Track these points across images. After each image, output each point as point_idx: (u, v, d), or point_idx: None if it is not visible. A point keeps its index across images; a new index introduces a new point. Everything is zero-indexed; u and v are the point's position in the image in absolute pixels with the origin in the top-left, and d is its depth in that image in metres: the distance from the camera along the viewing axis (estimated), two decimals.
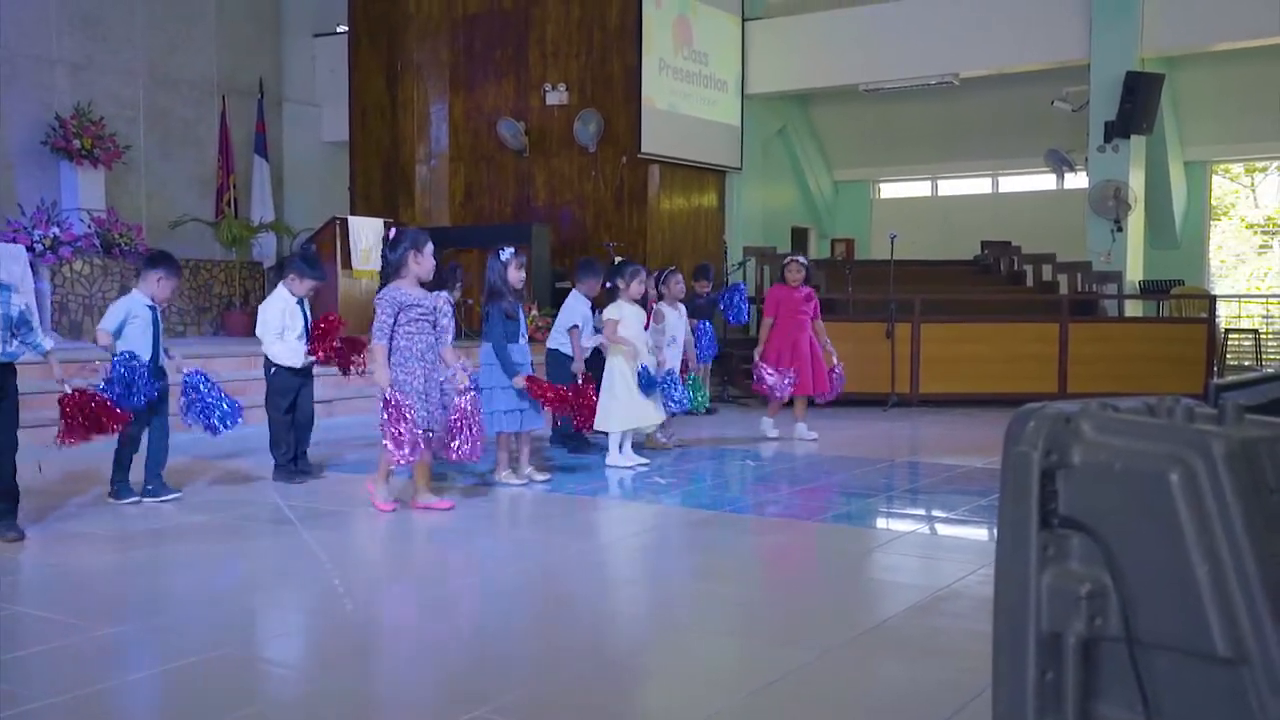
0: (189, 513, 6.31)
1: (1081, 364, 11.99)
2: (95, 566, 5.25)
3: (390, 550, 5.81)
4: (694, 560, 5.63)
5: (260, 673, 3.84)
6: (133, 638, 4.17)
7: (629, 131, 15.53)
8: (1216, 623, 2.06)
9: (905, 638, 4.14)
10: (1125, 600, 2.17)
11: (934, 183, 19.94)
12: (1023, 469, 2.27)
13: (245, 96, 16.92)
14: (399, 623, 4.45)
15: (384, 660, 4.02)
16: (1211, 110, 16.39)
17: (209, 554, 5.47)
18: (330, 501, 6.71)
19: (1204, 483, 2.08)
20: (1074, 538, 2.23)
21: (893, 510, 6.80)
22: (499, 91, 16.58)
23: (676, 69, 15.98)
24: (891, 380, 11.92)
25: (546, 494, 6.98)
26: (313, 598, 4.74)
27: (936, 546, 5.81)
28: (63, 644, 4.04)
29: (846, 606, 4.62)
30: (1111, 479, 2.18)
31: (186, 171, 16.27)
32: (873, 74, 16.47)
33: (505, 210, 16.50)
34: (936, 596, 4.64)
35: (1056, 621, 2.24)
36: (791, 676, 3.70)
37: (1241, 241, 18.01)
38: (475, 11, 16.63)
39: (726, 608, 4.72)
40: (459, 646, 4.14)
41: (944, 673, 3.72)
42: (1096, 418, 2.27)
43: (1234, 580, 2.05)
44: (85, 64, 15.05)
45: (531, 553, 5.69)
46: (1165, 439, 2.15)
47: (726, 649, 4.15)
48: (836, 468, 8.15)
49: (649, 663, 4.01)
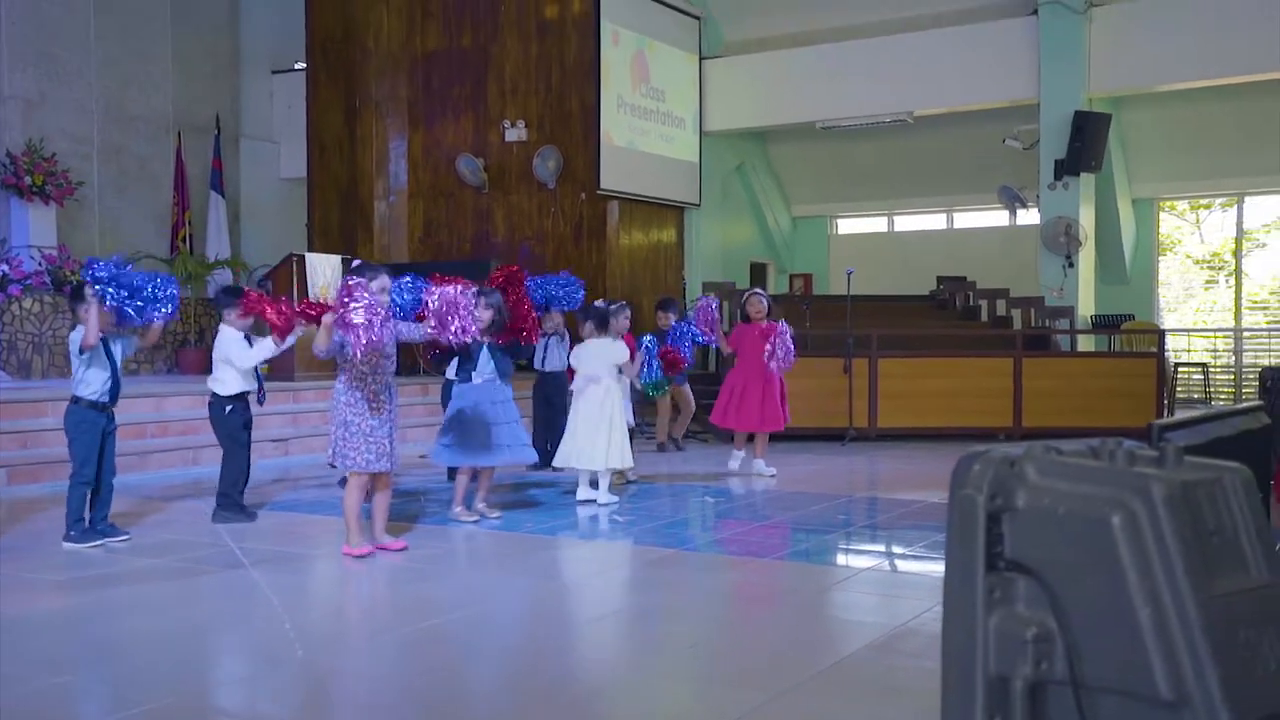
0: (138, 555, 6.23)
1: (1036, 398, 12.08)
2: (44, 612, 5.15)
3: (345, 593, 5.75)
4: (650, 599, 5.60)
5: None
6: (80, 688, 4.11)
7: (588, 168, 15.59)
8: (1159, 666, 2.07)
9: (862, 677, 4.12)
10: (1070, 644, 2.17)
11: (890, 218, 20.11)
12: (968, 512, 2.28)
13: (202, 133, 16.84)
14: (351, 669, 4.39)
15: (337, 709, 3.97)
16: (1158, 149, 16.63)
17: (159, 598, 5.39)
18: (282, 542, 6.64)
19: (1145, 526, 2.09)
20: (1020, 581, 2.23)
21: (850, 547, 6.79)
22: (458, 128, 16.60)
23: (634, 106, 16.07)
24: (850, 415, 11.95)
25: (502, 532, 6.93)
26: (264, 643, 4.68)
27: (893, 583, 5.80)
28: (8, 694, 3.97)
29: (803, 645, 4.61)
30: (1055, 522, 2.19)
31: (141, 208, 16.15)
32: (829, 112, 16.62)
33: (464, 246, 16.48)
34: (893, 634, 4.64)
35: (1004, 665, 2.23)
36: (749, 717, 3.68)
37: (1188, 277, 18.24)
38: (434, 48, 16.66)
39: (682, 649, 4.70)
40: (413, 694, 4.09)
41: (900, 713, 3.71)
42: (1040, 461, 2.27)
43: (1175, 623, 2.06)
44: (39, 100, 14.94)
45: (486, 595, 5.64)
46: (1107, 482, 2.16)
47: (682, 692, 4.12)
48: (795, 504, 8.14)
49: (605, 707, 3.97)
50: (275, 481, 8.93)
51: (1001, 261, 17.12)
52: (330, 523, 7.16)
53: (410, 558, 6.11)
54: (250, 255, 16.96)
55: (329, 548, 6.36)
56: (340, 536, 6.34)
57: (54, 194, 14.40)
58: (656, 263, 17.00)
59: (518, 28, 16.16)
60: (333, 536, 6.56)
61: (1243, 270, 17.45)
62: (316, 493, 8.41)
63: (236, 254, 16.74)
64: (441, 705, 3.88)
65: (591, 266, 15.68)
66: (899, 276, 17.63)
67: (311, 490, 8.53)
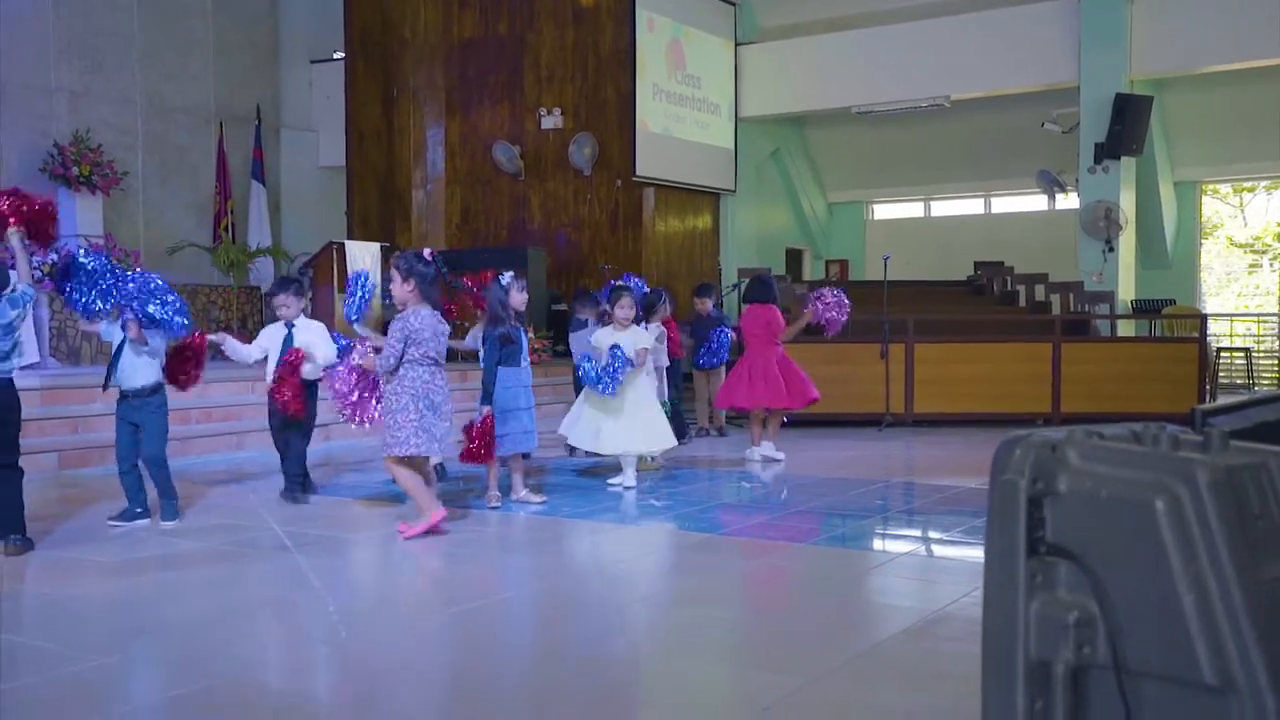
0: (188, 538, 6.29)
1: (1074, 384, 11.98)
2: (95, 594, 5.21)
3: (388, 576, 5.79)
4: (688, 583, 5.60)
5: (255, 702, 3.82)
6: (127, 668, 4.15)
7: (623, 155, 15.59)
8: (1203, 651, 2.05)
9: (898, 662, 4.11)
10: (1112, 628, 2.16)
11: (927, 204, 20.01)
12: (1010, 497, 2.26)
13: (242, 123, 16.95)
14: (395, 650, 4.42)
15: (380, 688, 3.99)
16: (1200, 131, 16.45)
17: (208, 580, 5.44)
18: (327, 526, 6.68)
19: (1189, 511, 2.07)
20: (1061, 565, 2.22)
21: (887, 532, 6.77)
22: (494, 116, 16.63)
23: (670, 93, 16.05)
24: (886, 400, 11.91)
25: (543, 517, 6.96)
26: (309, 624, 4.72)
27: (931, 568, 5.78)
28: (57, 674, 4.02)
29: (840, 630, 4.59)
30: (1097, 507, 2.17)
31: (184, 198, 16.28)
32: (865, 97, 16.54)
33: (501, 233, 16.54)
34: (930, 619, 4.62)
35: (1045, 649, 2.22)
36: (785, 702, 3.68)
37: (1231, 260, 18.03)
38: (470, 37, 16.69)
39: (721, 632, 4.70)
40: (454, 674, 4.11)
41: (937, 698, 3.70)
42: (1082, 445, 2.26)
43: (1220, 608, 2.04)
44: (83, 92, 15.07)
45: (527, 577, 5.67)
46: (1150, 467, 2.15)
47: (720, 675, 4.13)
48: (831, 489, 8.12)
49: (644, 690, 3.98)
50: (319, 466, 8.99)
51: (1040, 246, 16.99)
52: (371, 506, 7.22)
53: (452, 541, 6.13)
54: (291, 243, 17.07)
55: (371, 531, 6.42)
56: (381, 520, 6.39)
57: (100, 184, 14.53)
58: (692, 249, 16.99)
59: (553, 15, 16.16)
60: (375, 520, 6.61)
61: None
62: (355, 477, 8.46)
63: (277, 242, 16.87)
64: (482, 686, 3.90)
65: (627, 254, 15.70)
66: (935, 262, 17.54)
67: (351, 475, 8.59)
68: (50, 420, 8.77)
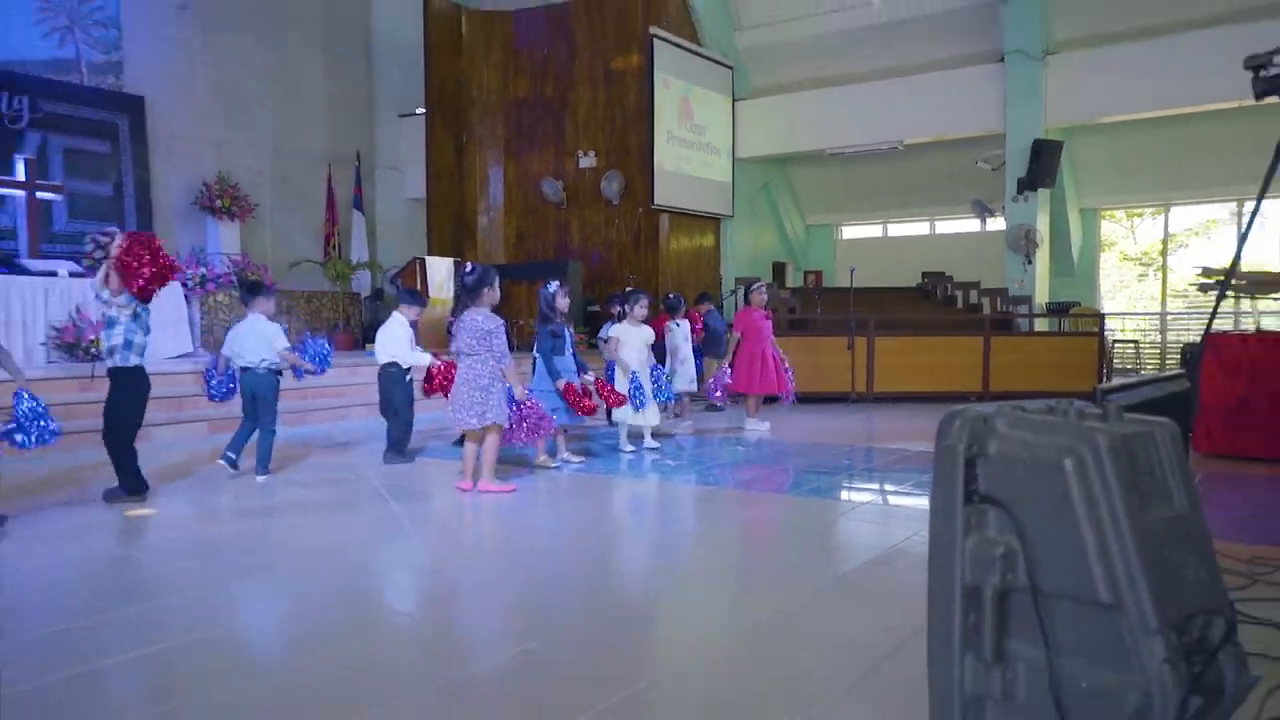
0: (304, 489, 6.36)
1: (1000, 368, 11.95)
2: (232, 531, 5.28)
3: (464, 522, 5.83)
4: (697, 526, 5.64)
5: (360, 609, 3.87)
6: (256, 589, 4.21)
7: (644, 188, 15.59)
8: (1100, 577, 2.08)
9: (862, 587, 4.14)
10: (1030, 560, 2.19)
11: (884, 226, 19.88)
12: (950, 458, 2.29)
13: (346, 165, 17.03)
14: (472, 577, 4.47)
15: (459, 603, 4.04)
16: (1100, 168, 16.36)
17: (321, 522, 5.51)
18: (416, 482, 6.74)
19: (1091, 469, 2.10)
20: (991, 511, 2.25)
21: (853, 485, 6.77)
22: (542, 158, 16.65)
23: (681, 139, 16.03)
24: (852, 382, 11.91)
25: (582, 474, 7.00)
26: (402, 556, 4.78)
27: (887, 514, 5.80)
28: (185, 597, 4.08)
29: (816, 562, 4.63)
30: (1019, 465, 2.20)
31: (301, 223, 16.39)
32: (836, 141, 16.51)
33: (548, 251, 16.57)
34: (887, 554, 4.64)
35: (977, 576, 2.25)
36: (774, 619, 3.72)
37: (1124, 271, 17.99)
38: (523, 96, 16.71)
39: (722, 564, 4.73)
40: (516, 595, 4.16)
41: (890, 616, 3.72)
42: (1008, 417, 2.28)
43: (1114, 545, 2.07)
44: (225, 142, 15.21)
45: (575, 520, 5.70)
46: (1061, 434, 2.17)
47: (722, 598, 4.16)
48: (808, 452, 8.13)
49: (663, 610, 4.02)
50: None
51: (973, 260, 16.93)
52: (449, 466, 7.26)
53: (518, 494, 6.17)
54: (384, 258, 17.15)
55: (450, 486, 6.45)
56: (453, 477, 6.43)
57: (237, 213, 14.69)
58: (698, 263, 16.97)
59: (589, 79, 16.16)
60: (453, 478, 6.64)
61: (1168, 266, 17.19)
62: (438, 443, 8.51)
63: (374, 257, 16.95)
64: (543, 598, 3.94)
65: (647, 267, 15.72)
66: (891, 272, 17.48)
67: (435, 442, 8.63)
68: (199, 396, 8.84)
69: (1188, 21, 13.71)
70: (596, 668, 3.21)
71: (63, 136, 13.23)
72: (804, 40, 16.57)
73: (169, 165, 14.49)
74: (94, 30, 13.71)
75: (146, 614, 3.77)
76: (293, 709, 2.90)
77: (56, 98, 13.14)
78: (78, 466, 7.00)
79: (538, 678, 3.13)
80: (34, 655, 3.34)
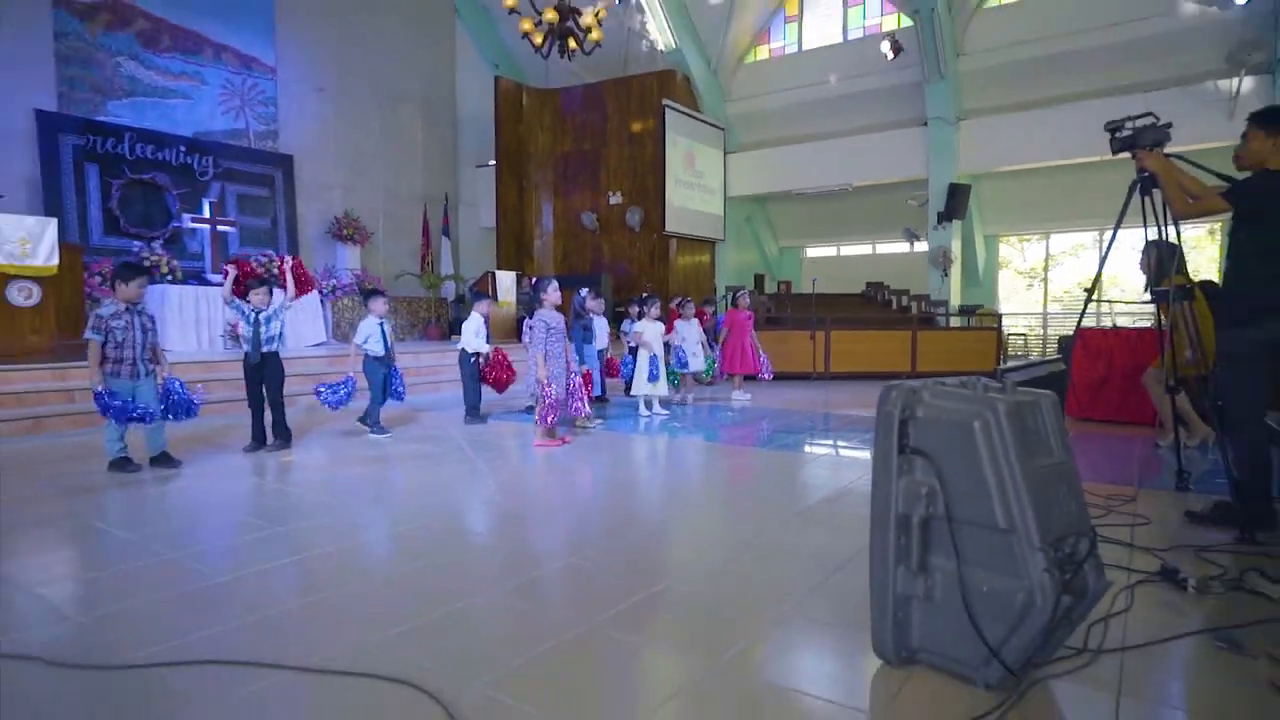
0: (408, 443, 6.40)
1: (925, 354, 11.86)
2: (357, 474, 5.34)
3: (527, 466, 5.87)
4: (697, 471, 5.64)
5: (451, 531, 3.91)
6: (376, 515, 4.26)
7: (657, 219, 15.54)
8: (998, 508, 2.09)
9: (820, 516, 4.14)
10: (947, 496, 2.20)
11: (838, 247, 19.77)
12: (888, 420, 2.30)
13: (437, 203, 17.02)
14: (531, 507, 4.49)
15: (522, 527, 4.07)
16: (998, 205, 16.21)
17: (421, 467, 5.55)
18: (490, 438, 6.77)
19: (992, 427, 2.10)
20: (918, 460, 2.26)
21: (813, 441, 6.74)
22: (581, 197, 16.61)
23: (685, 182, 15.96)
24: (813, 363, 11.87)
25: (608, 432, 7.01)
26: (480, 492, 4.81)
27: (839, 463, 5.78)
28: (325, 519, 4.12)
29: (786, 498, 4.62)
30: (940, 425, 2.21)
31: (404, 246, 16.39)
32: (802, 184, 16.40)
33: (585, 266, 16.54)
34: (838, 492, 4.64)
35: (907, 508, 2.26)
36: (759, 539, 3.73)
37: (1015, 282, 17.84)
38: (568, 151, 16.66)
39: (716, 499, 4.74)
40: (561, 516, 4.19)
41: (841, 537, 3.73)
42: (932, 389, 2.29)
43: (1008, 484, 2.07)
44: (349, 186, 15.22)
45: (605, 468, 5.72)
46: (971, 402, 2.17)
47: (716, 524, 4.17)
48: (779, 417, 8.11)
49: (673, 532, 4.03)
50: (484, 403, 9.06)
51: (904, 273, 16.84)
52: (513, 427, 7.30)
53: (568, 448, 6.20)
54: (464, 271, 17.14)
55: (514, 441, 6.48)
56: (523, 438, 6.46)
57: (358, 239, 14.71)
58: (698, 275, 16.91)
59: (617, 138, 16.09)
60: (520, 437, 6.66)
61: (1048, 279, 17.06)
62: (502, 410, 8.54)
63: (457, 271, 16.92)
64: (583, 530, 3.96)
65: (660, 278, 15.68)
66: (843, 283, 17.40)
67: (499, 409, 8.66)
68: (328, 374, 8.91)
69: (1061, 97, 13.64)
70: (625, 574, 3.24)
71: (235, 185, 13.32)
72: (777, 109, 16.46)
73: (310, 205, 14.54)
74: (258, 108, 13.77)
75: (295, 532, 3.82)
76: (402, 599, 2.95)
77: (231, 157, 13.24)
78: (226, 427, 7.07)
79: (583, 581, 3.16)
80: (223, 559, 3.41)
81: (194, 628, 2.69)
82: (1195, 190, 3.71)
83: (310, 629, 2.70)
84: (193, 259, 12.24)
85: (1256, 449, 3.62)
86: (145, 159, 12.03)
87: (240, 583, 3.11)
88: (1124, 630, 2.65)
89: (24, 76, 10.91)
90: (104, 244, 11.48)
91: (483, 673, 2.37)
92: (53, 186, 11.13)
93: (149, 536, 3.74)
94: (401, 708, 2.20)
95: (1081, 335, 7.37)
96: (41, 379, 7.05)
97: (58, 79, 11.25)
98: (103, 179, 11.58)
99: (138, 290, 5.13)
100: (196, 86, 12.88)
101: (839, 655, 2.49)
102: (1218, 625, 2.67)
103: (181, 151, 12.47)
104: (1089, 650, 2.49)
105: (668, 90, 15.59)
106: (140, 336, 5.13)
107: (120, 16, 11.93)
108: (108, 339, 5.03)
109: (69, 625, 2.74)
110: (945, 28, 13.86)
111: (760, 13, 16.70)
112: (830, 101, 15.73)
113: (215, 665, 2.43)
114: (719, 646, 2.54)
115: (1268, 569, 3.12)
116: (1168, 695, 2.28)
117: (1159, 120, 4.04)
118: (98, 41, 11.68)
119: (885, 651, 2.37)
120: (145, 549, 3.54)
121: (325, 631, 2.67)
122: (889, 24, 15.44)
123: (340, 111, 15.08)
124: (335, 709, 2.20)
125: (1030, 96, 13.98)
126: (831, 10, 16.15)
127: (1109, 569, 3.01)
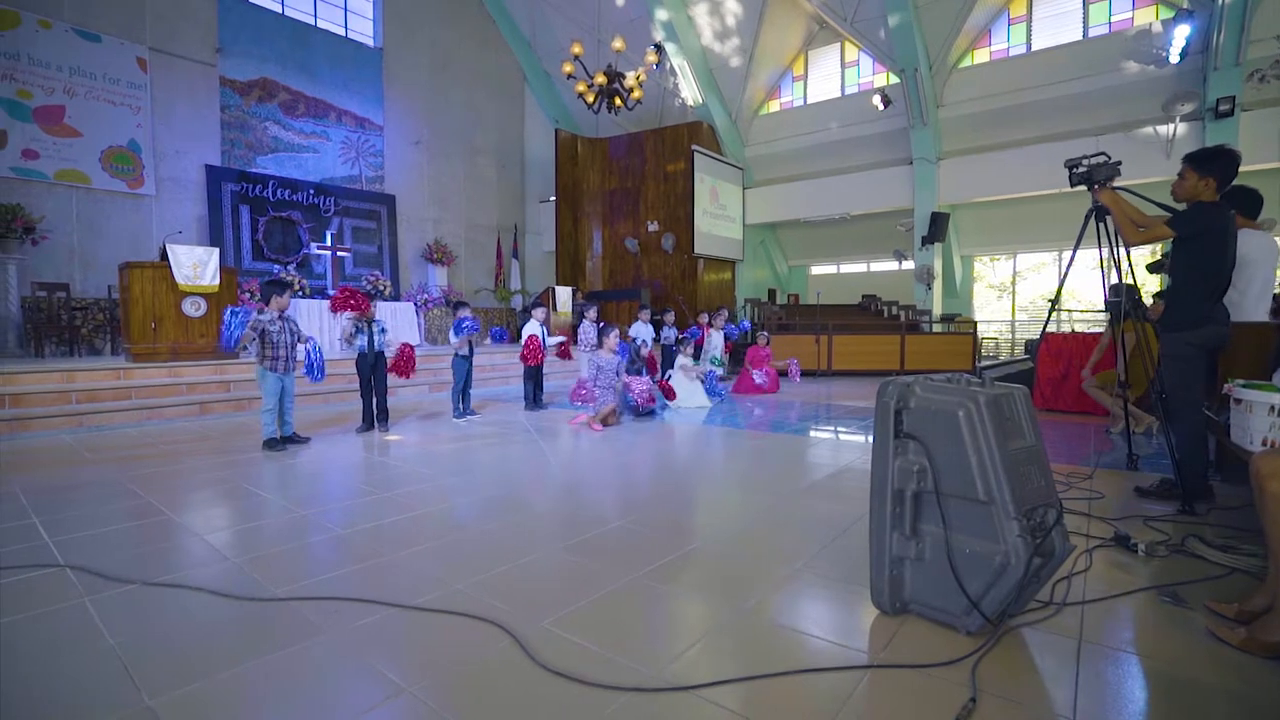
0: (482, 427, 6.46)
1: (911, 355, 11.61)
2: (443, 450, 5.41)
3: (578, 446, 5.88)
4: (722, 450, 5.60)
5: (518, 498, 3.92)
6: (460, 484, 4.30)
7: (688, 243, 15.43)
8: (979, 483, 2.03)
9: (826, 490, 4.09)
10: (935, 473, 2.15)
11: (838, 265, 19.47)
12: (885, 409, 2.26)
13: (508, 231, 17.14)
14: (585, 480, 4.50)
15: (577, 496, 4.07)
16: (974, 230, 15.81)
17: (493, 446, 5.59)
18: (550, 423, 6.80)
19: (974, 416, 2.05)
20: (911, 443, 2.21)
21: (819, 427, 6.66)
22: (625, 226, 16.57)
23: (710, 212, 15.84)
24: (818, 362, 11.71)
25: (654, 421, 6.97)
26: (538, 468, 4.83)
27: (841, 445, 5.70)
28: (420, 486, 4.17)
29: (796, 474, 4.57)
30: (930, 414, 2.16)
31: (481, 267, 16.53)
32: (808, 213, 16.16)
33: (628, 282, 16.48)
34: (840, 470, 4.58)
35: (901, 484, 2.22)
36: (770, 508, 3.69)
37: (988, 295, 17.40)
38: (614, 188, 16.65)
39: (738, 474, 4.70)
40: (608, 488, 4.20)
41: (844, 507, 3.68)
42: (923, 384, 2.24)
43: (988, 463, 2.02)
44: (439, 219, 15.42)
45: (650, 449, 5.71)
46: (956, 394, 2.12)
47: (739, 495, 4.13)
48: (791, 406, 8.02)
49: (703, 500, 4.02)
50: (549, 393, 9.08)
51: (894, 287, 16.52)
52: (569, 414, 7.31)
53: (611, 432, 6.20)
54: (530, 287, 17.26)
55: (569, 427, 6.49)
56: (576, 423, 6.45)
57: (445, 262, 14.88)
58: (721, 289, 16.77)
59: (654, 177, 16.03)
60: (571, 424, 6.65)
61: (1015, 292, 16.61)
62: (560, 399, 8.56)
63: (524, 287, 17.06)
64: (629, 498, 3.95)
65: (690, 293, 15.58)
66: (843, 295, 17.14)
67: (559, 398, 8.68)
68: (424, 370, 9.03)
69: (1025, 140, 13.27)
70: (664, 536, 3.23)
71: (351, 219, 13.67)
72: (787, 152, 16.24)
73: (408, 234, 14.78)
74: (369, 158, 14.11)
75: (397, 496, 3.89)
76: (479, 553, 2.98)
77: (348, 197, 13.58)
78: (344, 412, 7.21)
79: (630, 541, 3.16)
80: (345, 515, 3.49)
81: (321, 570, 2.76)
82: (1141, 220, 3.63)
83: (410, 574, 2.74)
84: (318, 279, 12.65)
85: (1195, 434, 3.53)
86: (283, 200, 12.48)
87: (356, 535, 3.18)
88: (1084, 587, 2.57)
89: (199, 140, 11.58)
90: (252, 267, 11.99)
91: (547, 613, 2.39)
92: (216, 223, 11.65)
93: (287, 497, 3.84)
94: (483, 641, 2.22)
95: (1046, 339, 7.17)
96: (207, 373, 7.33)
97: (221, 140, 11.84)
98: (252, 216, 12.07)
99: (287, 301, 5.29)
100: (323, 142, 13.30)
101: (842, 605, 2.46)
102: (1163, 583, 2.60)
103: (310, 194, 12.90)
104: (1055, 603, 2.43)
105: (696, 138, 15.51)
106: (290, 339, 5.27)
107: (268, 91, 12.50)
108: (264, 340, 5.15)
109: (229, 565, 2.83)
110: (927, 84, 13.60)
111: (772, 73, 16.53)
112: (831, 145, 15.50)
113: (337, 600, 2.48)
114: (740, 596, 2.52)
115: (1205, 535, 3.03)
116: (1121, 641, 2.22)
117: (1110, 158, 3.92)
118: (251, 111, 12.22)
119: (882, 603, 2.33)
120: (284, 507, 3.64)
121: (421, 577, 2.72)
122: (880, 81, 15.16)
123: (433, 159, 15.33)
124: (431, 640, 2.24)
125: (999, 140, 13.63)
126: (831, 71, 15.94)
127: (1072, 535, 2.93)
